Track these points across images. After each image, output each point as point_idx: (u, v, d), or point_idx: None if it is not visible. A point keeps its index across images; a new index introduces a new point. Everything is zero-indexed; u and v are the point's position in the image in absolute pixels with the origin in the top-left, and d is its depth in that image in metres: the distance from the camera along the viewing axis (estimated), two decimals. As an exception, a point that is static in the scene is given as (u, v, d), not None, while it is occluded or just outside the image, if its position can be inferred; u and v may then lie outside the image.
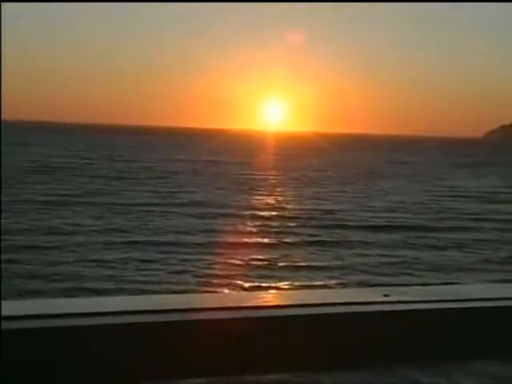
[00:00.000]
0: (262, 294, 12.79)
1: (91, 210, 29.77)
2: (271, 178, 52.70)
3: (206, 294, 13.02)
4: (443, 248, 23.65)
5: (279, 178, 53.03)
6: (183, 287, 16.89)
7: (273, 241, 24.16)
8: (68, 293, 15.95)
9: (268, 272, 19.14)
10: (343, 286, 17.57)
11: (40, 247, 21.01)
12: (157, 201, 34.38)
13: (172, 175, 50.87)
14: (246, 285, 17.53)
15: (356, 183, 48.77)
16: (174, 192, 38.74)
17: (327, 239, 24.32)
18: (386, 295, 1.87)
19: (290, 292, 12.85)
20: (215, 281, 17.69)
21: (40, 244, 21.46)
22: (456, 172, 64.33)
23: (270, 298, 2.44)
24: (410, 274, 19.41)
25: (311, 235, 25.20)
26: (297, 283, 17.80)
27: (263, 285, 17.63)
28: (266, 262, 20.29)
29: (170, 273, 18.59)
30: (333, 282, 17.96)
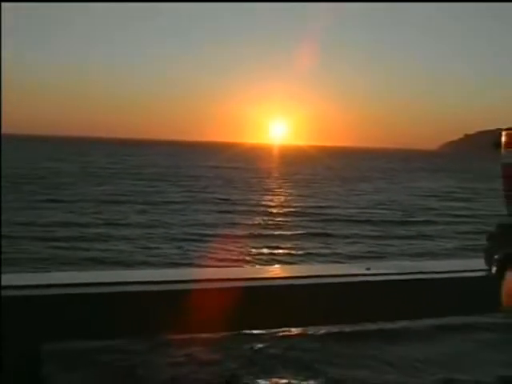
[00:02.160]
0: (267, 268, 12.69)
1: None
2: (275, 180, 52.99)
3: (221, 268, 12.11)
4: (412, 237, 22.56)
5: (281, 180, 52.98)
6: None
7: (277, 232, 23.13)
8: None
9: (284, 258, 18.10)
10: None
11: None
12: (188, 199, 33.52)
13: (198, 178, 50.31)
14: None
15: (343, 185, 48.15)
16: (201, 191, 38.22)
17: (320, 231, 23.08)
18: (368, 269, 1.86)
19: (291, 266, 12.70)
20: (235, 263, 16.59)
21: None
22: (420, 176, 64.62)
23: (273, 271, 2.31)
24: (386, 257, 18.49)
25: (303, 227, 24.19)
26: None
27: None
28: (282, 251, 19.20)
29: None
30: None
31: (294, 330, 8.25)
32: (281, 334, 8.36)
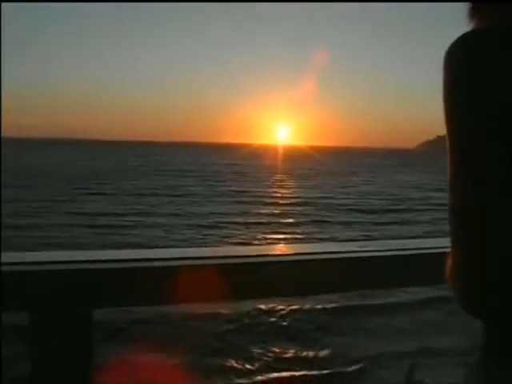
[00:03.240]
0: (274, 246, 12.76)
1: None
2: (278, 174, 52.60)
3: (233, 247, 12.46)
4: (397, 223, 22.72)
5: (284, 174, 52.68)
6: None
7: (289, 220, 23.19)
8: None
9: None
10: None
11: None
12: (207, 192, 33.50)
13: (216, 173, 50.19)
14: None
15: (335, 178, 47.91)
16: (218, 185, 38.10)
17: (321, 219, 23.24)
18: (360, 246, 1.63)
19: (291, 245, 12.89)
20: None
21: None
22: (400, 171, 63.95)
23: (275, 249, 2.14)
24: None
25: (305, 215, 24.26)
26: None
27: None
28: (287, 236, 19.21)
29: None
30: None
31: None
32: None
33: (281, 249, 1.87)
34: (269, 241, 18.18)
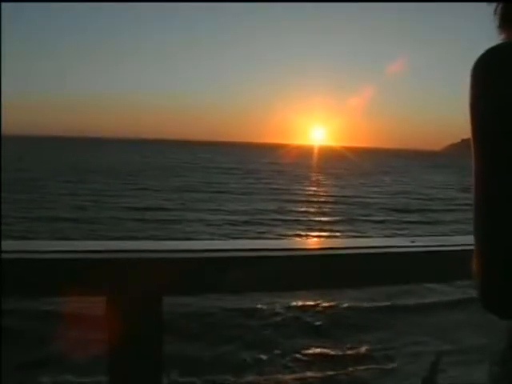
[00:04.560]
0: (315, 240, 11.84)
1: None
2: (314, 173, 52.19)
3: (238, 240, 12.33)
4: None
5: (319, 173, 52.27)
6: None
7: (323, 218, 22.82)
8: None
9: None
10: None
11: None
12: (247, 189, 33.45)
13: (256, 171, 50.09)
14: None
15: (369, 177, 47.22)
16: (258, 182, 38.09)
17: (355, 217, 22.85)
18: (412, 241, 1.49)
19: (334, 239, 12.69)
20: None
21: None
22: (429, 171, 62.86)
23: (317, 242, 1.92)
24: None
25: (340, 213, 24.01)
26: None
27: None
28: (324, 233, 18.95)
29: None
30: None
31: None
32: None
33: (326, 242, 1.78)
34: (308, 238, 17.87)
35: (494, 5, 0.98)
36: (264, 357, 6.71)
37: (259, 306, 8.32)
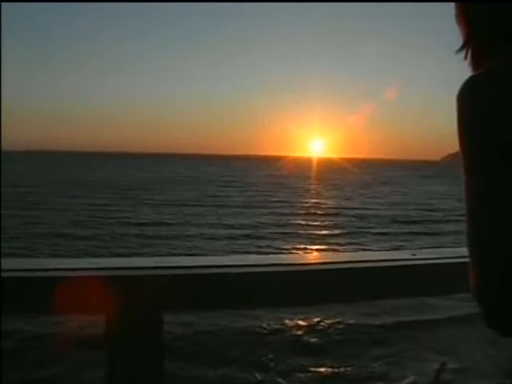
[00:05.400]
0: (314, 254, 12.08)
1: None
2: (313, 184, 52.19)
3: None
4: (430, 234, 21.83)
5: (318, 185, 52.21)
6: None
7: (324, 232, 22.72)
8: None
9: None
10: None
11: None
12: (247, 202, 33.32)
13: (255, 184, 50.13)
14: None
15: (368, 188, 47.13)
16: (258, 194, 37.98)
17: (355, 230, 22.72)
18: (413, 254, 1.46)
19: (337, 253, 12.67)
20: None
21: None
22: (427, 182, 62.88)
23: (321, 256, 1.97)
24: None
25: (340, 227, 23.87)
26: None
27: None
28: (323, 246, 18.79)
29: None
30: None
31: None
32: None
33: (329, 256, 1.78)
34: (308, 251, 17.80)
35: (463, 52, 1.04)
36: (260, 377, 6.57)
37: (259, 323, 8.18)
